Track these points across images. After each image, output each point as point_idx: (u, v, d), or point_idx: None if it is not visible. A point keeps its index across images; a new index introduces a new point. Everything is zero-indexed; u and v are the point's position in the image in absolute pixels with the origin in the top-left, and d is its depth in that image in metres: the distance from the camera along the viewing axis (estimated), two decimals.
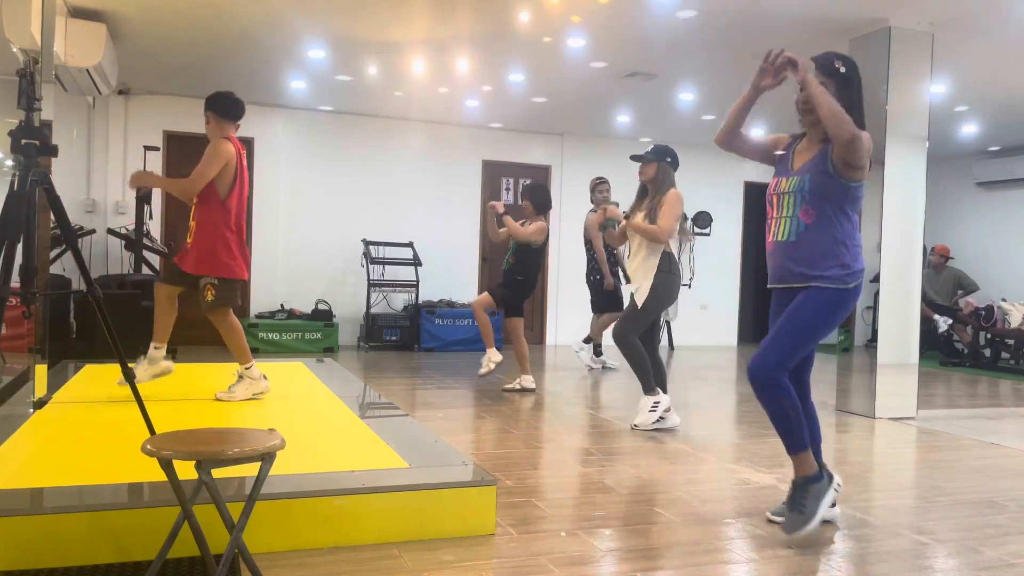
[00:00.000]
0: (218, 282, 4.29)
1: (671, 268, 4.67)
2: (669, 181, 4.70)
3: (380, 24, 5.91)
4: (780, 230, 2.98)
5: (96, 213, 8.30)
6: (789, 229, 2.95)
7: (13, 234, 2.91)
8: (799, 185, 2.93)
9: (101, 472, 2.89)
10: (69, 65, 5.70)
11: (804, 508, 2.84)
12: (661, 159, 4.70)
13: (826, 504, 2.88)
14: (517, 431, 4.72)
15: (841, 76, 2.92)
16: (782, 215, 2.98)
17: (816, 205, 2.90)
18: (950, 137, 9.39)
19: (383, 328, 8.96)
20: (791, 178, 2.97)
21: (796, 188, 2.94)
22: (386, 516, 2.72)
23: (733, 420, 5.49)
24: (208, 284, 4.29)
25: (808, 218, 2.91)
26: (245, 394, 4.45)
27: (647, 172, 4.73)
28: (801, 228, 2.92)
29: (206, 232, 4.27)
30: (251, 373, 4.48)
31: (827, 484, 2.92)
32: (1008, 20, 5.44)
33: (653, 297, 4.61)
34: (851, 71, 2.94)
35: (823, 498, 2.87)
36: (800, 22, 5.57)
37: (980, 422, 5.63)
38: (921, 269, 5.75)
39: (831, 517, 3.09)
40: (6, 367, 5.23)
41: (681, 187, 4.74)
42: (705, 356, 9.55)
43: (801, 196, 2.92)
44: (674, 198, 4.63)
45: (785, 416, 2.87)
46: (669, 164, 4.73)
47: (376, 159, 9.36)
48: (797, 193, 2.93)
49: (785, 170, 3.05)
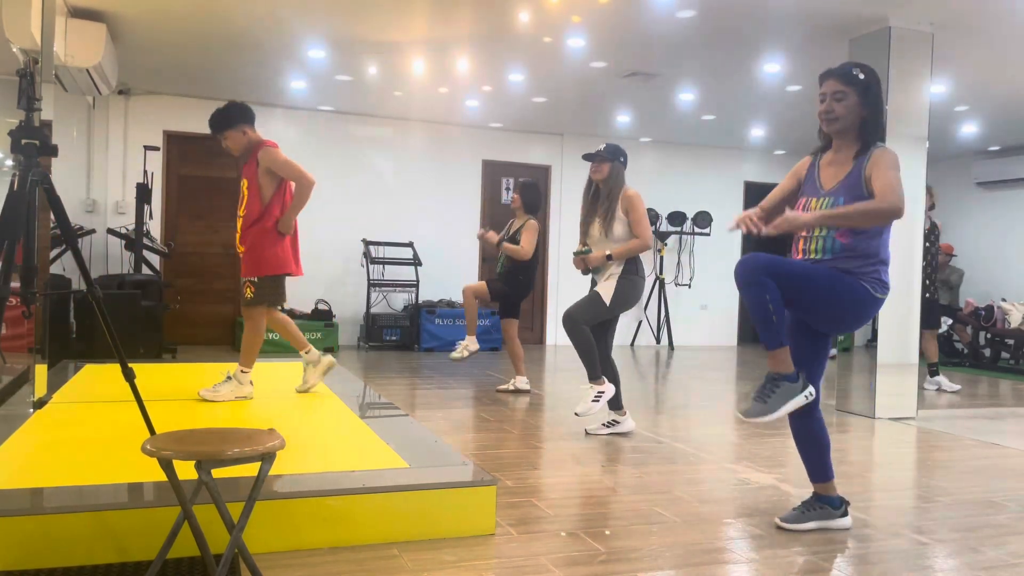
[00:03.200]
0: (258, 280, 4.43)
1: (638, 271, 4.53)
2: (621, 180, 4.58)
3: (380, 24, 5.91)
4: (813, 248, 2.88)
5: (96, 213, 8.30)
6: (824, 247, 2.85)
7: (13, 234, 2.91)
8: (832, 205, 2.82)
9: (101, 472, 2.89)
10: (69, 65, 5.70)
11: (768, 399, 2.78)
12: (615, 159, 4.59)
13: (792, 406, 2.80)
14: (517, 431, 4.72)
15: (861, 83, 2.85)
16: (814, 234, 2.88)
17: (852, 229, 2.80)
18: (950, 137, 9.39)
19: (383, 328, 8.96)
20: (821, 199, 2.86)
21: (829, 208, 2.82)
22: (386, 516, 2.72)
23: (733, 420, 5.49)
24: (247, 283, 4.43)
25: (844, 238, 2.82)
26: (229, 396, 4.40)
27: (601, 171, 4.58)
28: (837, 247, 2.83)
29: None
30: (243, 378, 4.45)
31: (800, 387, 2.82)
32: (1008, 20, 5.44)
33: (617, 296, 4.45)
34: (870, 77, 2.87)
35: (791, 399, 2.79)
36: (800, 22, 5.57)
37: (980, 422, 5.63)
38: (921, 269, 5.75)
39: (841, 527, 3.04)
40: (6, 367, 5.22)
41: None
42: (705, 356, 9.55)
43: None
44: (639, 201, 4.52)
45: (765, 310, 2.74)
46: (621, 164, 4.62)
47: (376, 159, 9.37)
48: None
49: (813, 189, 2.94)
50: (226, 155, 4.62)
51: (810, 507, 3.05)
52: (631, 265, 4.51)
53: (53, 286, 6.18)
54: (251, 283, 4.41)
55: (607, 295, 4.44)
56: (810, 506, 3.05)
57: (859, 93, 2.86)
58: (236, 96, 8.48)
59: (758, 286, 2.72)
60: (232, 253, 8.95)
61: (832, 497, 3.05)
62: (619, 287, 4.45)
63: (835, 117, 2.88)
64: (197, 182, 8.79)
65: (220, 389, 4.41)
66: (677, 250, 10.60)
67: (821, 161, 2.99)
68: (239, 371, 4.44)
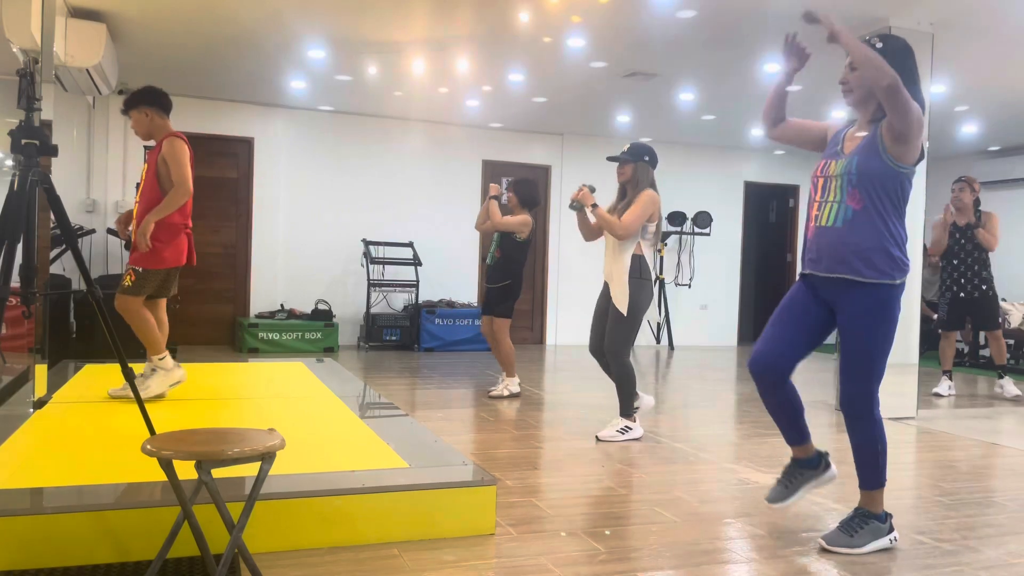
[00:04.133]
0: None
1: (642, 273, 4.48)
2: (647, 180, 4.56)
3: (380, 24, 5.91)
4: (825, 215, 2.80)
5: (96, 213, 8.30)
6: (836, 215, 2.76)
7: (13, 234, 2.91)
8: (847, 167, 2.76)
9: (101, 472, 2.90)
10: (69, 65, 5.70)
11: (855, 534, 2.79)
12: (638, 159, 4.58)
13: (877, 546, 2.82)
14: (517, 431, 4.72)
15: (878, 51, 2.71)
16: (828, 199, 2.80)
17: (864, 190, 2.72)
18: (950, 137, 9.40)
19: (383, 328, 8.96)
20: (840, 161, 2.81)
21: (844, 171, 2.76)
22: (386, 516, 2.72)
23: (733, 420, 5.49)
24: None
25: (856, 203, 2.73)
26: (162, 387, 4.29)
27: (625, 173, 4.60)
28: (848, 215, 2.73)
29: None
30: (165, 364, 4.31)
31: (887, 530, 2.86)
32: (1008, 20, 5.44)
33: (632, 303, 4.43)
34: (890, 45, 2.76)
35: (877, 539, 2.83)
36: (800, 22, 5.56)
37: (980, 422, 5.63)
38: (922, 269, 5.75)
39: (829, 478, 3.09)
40: (6, 367, 5.23)
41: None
42: (705, 356, 9.55)
43: (848, 179, 2.74)
44: (647, 198, 4.48)
45: (874, 450, 2.80)
46: (647, 163, 4.61)
47: (376, 159, 9.36)
48: (844, 176, 2.76)
49: (834, 153, 2.87)
50: (226, 155, 4.63)
51: (792, 477, 3.01)
52: (635, 268, 4.46)
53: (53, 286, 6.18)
54: (135, 271, 4.24)
55: (623, 306, 4.41)
56: (791, 476, 3.01)
57: None
58: (236, 96, 8.52)
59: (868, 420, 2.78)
60: (231, 253, 8.96)
61: (810, 457, 3.00)
62: (631, 293, 4.42)
63: (849, 88, 2.83)
64: (197, 182, 8.60)
65: (149, 384, 4.23)
66: (677, 250, 10.60)
67: (847, 133, 2.93)
68: (156, 361, 4.28)
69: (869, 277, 2.72)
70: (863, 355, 2.77)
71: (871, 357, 2.76)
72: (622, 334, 4.46)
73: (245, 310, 8.89)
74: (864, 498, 2.87)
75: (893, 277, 2.74)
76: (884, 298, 2.75)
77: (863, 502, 2.87)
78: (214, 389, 4.97)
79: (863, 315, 2.76)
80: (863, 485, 2.86)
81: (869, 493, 2.85)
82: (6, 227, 2.90)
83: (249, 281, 8.95)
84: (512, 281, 5.83)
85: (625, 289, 4.42)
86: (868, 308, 2.76)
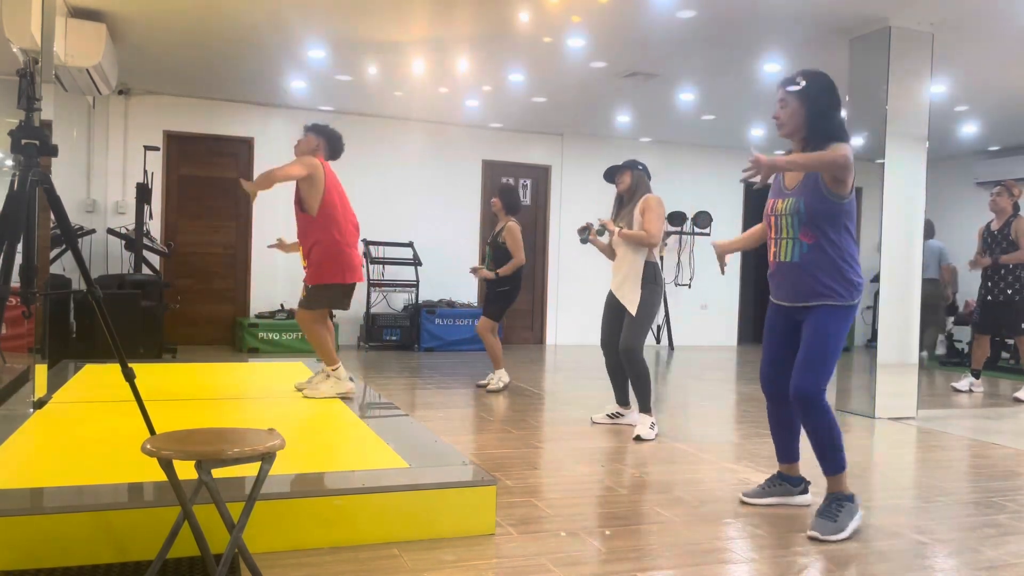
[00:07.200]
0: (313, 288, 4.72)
1: (655, 279, 4.68)
2: (644, 187, 4.77)
3: (380, 24, 5.91)
4: (783, 251, 3.06)
5: (96, 213, 8.30)
6: (792, 251, 3.03)
7: (13, 234, 2.91)
8: (795, 207, 2.99)
9: (101, 472, 2.90)
10: (69, 65, 5.70)
11: (837, 518, 2.96)
12: (633, 167, 4.82)
13: (856, 523, 3.01)
14: (517, 431, 4.72)
15: (800, 91, 3.00)
16: (782, 236, 3.06)
17: (815, 226, 2.97)
18: (950, 137, 9.40)
19: (383, 328, 8.96)
20: (786, 200, 3.04)
21: (792, 211, 3.00)
22: (386, 516, 2.72)
23: (733, 420, 5.49)
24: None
25: (809, 239, 2.99)
26: (330, 392, 4.68)
27: (624, 181, 4.81)
28: (804, 250, 3.00)
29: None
30: (339, 373, 4.72)
31: (857, 507, 3.04)
32: (1008, 21, 5.44)
33: (643, 304, 4.61)
34: (814, 83, 3.01)
35: (854, 517, 3.01)
36: (800, 22, 5.57)
37: (980, 422, 5.63)
38: (921, 269, 5.74)
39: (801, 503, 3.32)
40: (6, 367, 5.23)
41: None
42: (705, 356, 9.55)
43: (799, 219, 2.99)
44: (655, 202, 4.67)
45: (831, 434, 3.00)
46: (642, 171, 4.83)
47: (376, 159, 9.36)
48: (794, 216, 3.00)
49: (778, 190, 3.11)
50: (226, 155, 4.68)
51: (772, 484, 3.34)
52: (649, 273, 4.65)
53: (53, 286, 6.18)
54: (306, 288, 4.76)
55: (633, 307, 4.61)
56: (773, 483, 3.34)
57: (799, 99, 3.01)
58: (236, 96, 8.52)
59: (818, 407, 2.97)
60: (231, 253, 8.96)
61: (793, 477, 3.32)
62: (642, 295, 4.62)
63: (781, 123, 3.08)
64: (197, 182, 8.78)
65: (320, 386, 4.68)
66: (677, 250, 10.60)
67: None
68: (331, 371, 4.69)
69: (830, 300, 3.00)
70: (820, 352, 3.01)
71: (825, 357, 3.01)
72: (636, 331, 4.66)
73: (245, 310, 8.89)
74: (831, 483, 3.04)
75: (851, 298, 3.03)
76: (843, 314, 3.03)
77: (832, 487, 3.04)
78: (214, 389, 4.97)
79: (825, 324, 3.02)
80: (828, 471, 3.04)
81: (835, 477, 3.03)
82: (6, 227, 2.90)
83: (249, 281, 8.95)
84: (511, 287, 6.11)
85: (638, 292, 4.61)
86: (830, 319, 3.02)
